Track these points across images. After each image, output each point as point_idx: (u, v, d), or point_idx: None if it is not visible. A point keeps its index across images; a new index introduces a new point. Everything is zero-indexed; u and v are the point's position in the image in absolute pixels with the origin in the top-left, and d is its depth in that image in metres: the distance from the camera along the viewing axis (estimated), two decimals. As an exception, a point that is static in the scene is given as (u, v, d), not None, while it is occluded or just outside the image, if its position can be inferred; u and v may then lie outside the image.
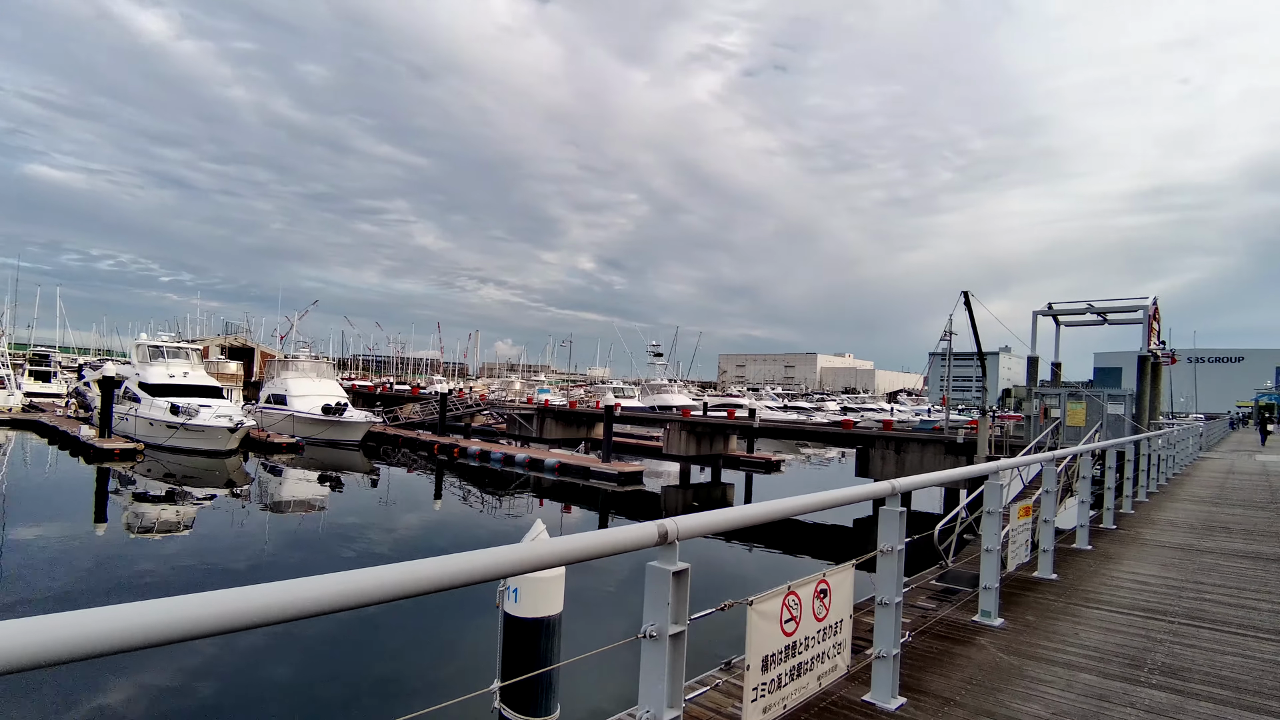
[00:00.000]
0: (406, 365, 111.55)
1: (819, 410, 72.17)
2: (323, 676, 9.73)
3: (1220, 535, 8.23)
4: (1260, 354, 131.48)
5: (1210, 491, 12.56)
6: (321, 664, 10.11)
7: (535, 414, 44.30)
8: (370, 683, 9.33)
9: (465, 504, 28.29)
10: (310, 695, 9.16)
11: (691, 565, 2.34)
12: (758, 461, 40.71)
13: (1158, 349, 26.48)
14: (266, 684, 9.34)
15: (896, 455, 29.06)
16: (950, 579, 14.66)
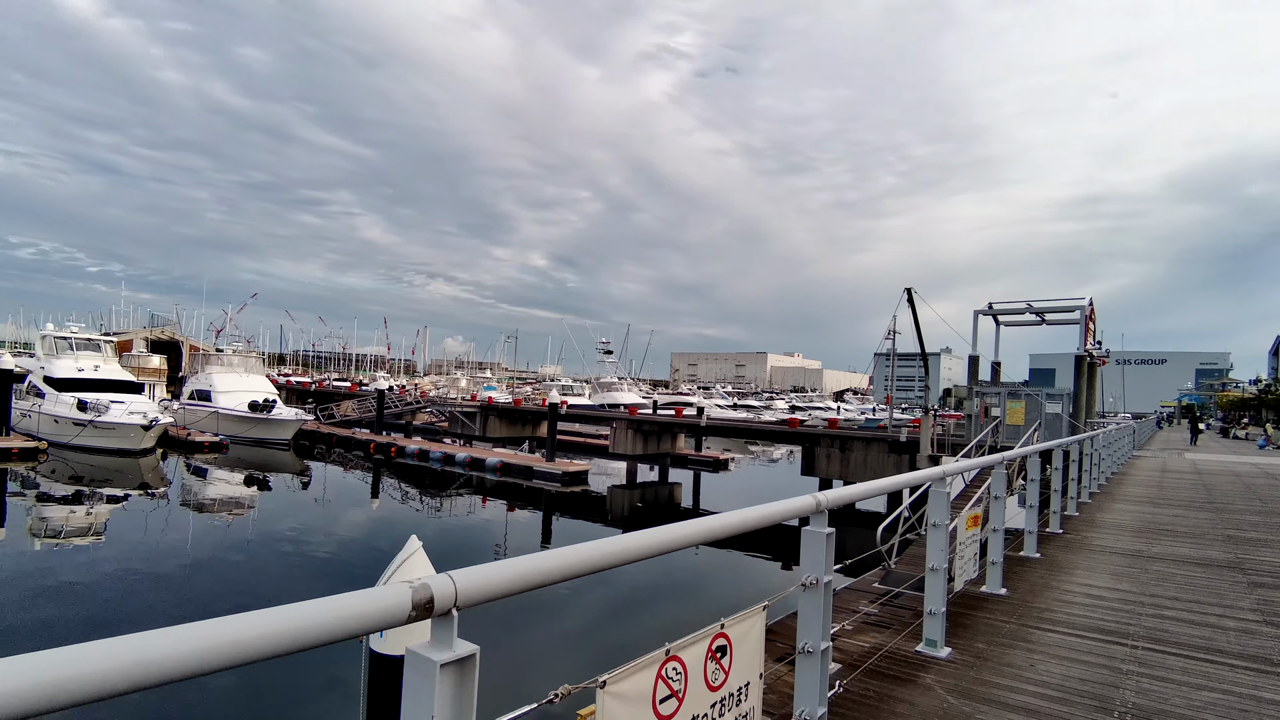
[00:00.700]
0: (350, 361, 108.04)
1: (768, 409, 72.47)
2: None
3: (1167, 540, 7.87)
4: (1181, 356, 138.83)
5: (1149, 491, 12.43)
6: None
7: (478, 412, 42.95)
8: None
9: (404, 505, 27.06)
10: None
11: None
12: (706, 460, 40.31)
13: (1094, 349, 27.06)
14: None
15: (841, 454, 28.94)
16: (893, 581, 14.21)
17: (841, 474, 29.07)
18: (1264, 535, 8.27)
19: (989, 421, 24.82)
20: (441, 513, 25.63)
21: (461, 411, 43.23)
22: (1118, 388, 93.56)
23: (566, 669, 14.00)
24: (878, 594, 13.83)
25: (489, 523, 24.51)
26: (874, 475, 28.24)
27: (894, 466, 27.21)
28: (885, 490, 3.38)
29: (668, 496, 33.94)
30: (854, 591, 13.69)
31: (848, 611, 12.37)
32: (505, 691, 11.48)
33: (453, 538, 21.76)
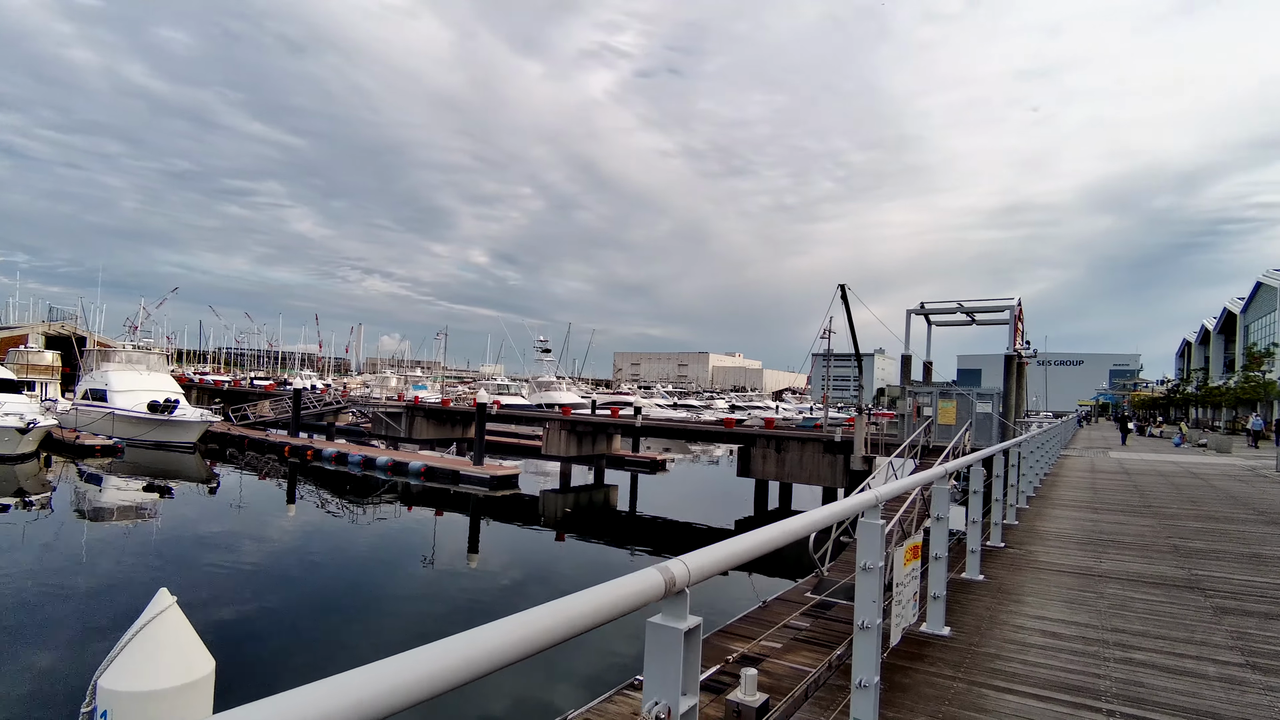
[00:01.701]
0: (278, 359, 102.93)
1: (708, 408, 72.31)
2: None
3: (1114, 552, 7.21)
4: (1097, 358, 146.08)
5: (1084, 495, 12.00)
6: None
7: (404, 412, 40.82)
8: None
9: (323, 512, 25.12)
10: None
11: None
12: (643, 461, 39.38)
13: (1023, 348, 27.32)
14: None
15: (777, 454, 28.38)
16: (825, 589, 13.38)
17: (778, 474, 28.56)
18: (1209, 545, 7.72)
19: (921, 421, 24.64)
20: (362, 520, 23.85)
21: (385, 412, 41.03)
22: (1040, 387, 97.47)
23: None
24: (809, 604, 12.98)
25: (410, 530, 23.00)
26: (810, 475, 27.81)
27: (829, 467, 26.82)
28: (798, 534, 2.35)
29: (603, 500, 32.86)
30: (785, 603, 12.82)
31: (777, 625, 11.45)
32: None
33: (375, 546, 20.31)
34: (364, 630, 13.19)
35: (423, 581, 17.09)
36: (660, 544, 24.58)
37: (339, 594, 15.41)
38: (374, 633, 13.07)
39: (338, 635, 12.68)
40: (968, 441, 23.35)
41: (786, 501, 30.80)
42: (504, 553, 20.75)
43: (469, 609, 14.99)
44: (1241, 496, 12.21)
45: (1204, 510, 10.37)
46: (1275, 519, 9.66)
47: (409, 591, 16.16)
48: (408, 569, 18.16)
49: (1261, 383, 42.20)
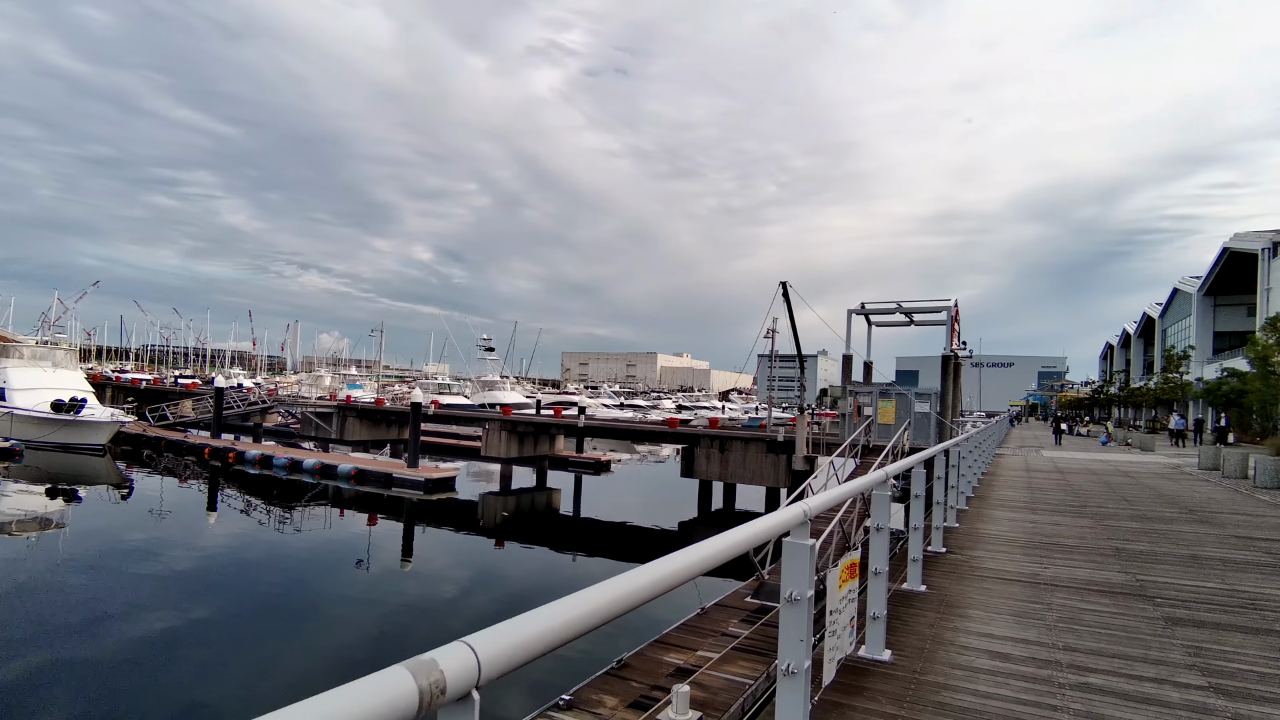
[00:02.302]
0: (205, 357, 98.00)
1: (655, 408, 72.07)
2: None
3: (1057, 556, 6.91)
4: (1026, 360, 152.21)
5: (1022, 494, 11.89)
6: None
7: (335, 412, 39.00)
8: None
9: (248, 519, 23.59)
10: None
11: None
12: (587, 462, 38.66)
13: (959, 349, 27.80)
14: None
15: (721, 454, 28.08)
16: (767, 594, 12.92)
17: (721, 474, 28.26)
18: (1149, 547, 7.52)
19: (862, 420, 24.71)
20: (289, 527, 22.53)
21: (315, 412, 39.13)
22: (974, 388, 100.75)
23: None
24: (750, 610, 12.51)
25: (340, 537, 21.76)
26: (753, 475, 27.60)
27: (772, 467, 26.66)
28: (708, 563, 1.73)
29: (545, 503, 32.02)
30: (724, 608, 12.30)
31: (715, 634, 10.92)
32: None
33: (301, 555, 19.14)
34: (288, 647, 12.31)
35: (352, 592, 16.06)
36: (604, 548, 23.97)
37: (260, 607, 14.38)
38: (298, 650, 12.21)
39: (258, 653, 11.79)
40: (907, 441, 23.46)
41: (731, 501, 30.57)
42: (440, 560, 19.82)
43: (402, 623, 14.19)
44: (1171, 494, 12.31)
45: (1139, 509, 10.31)
46: (1206, 517, 9.65)
47: (337, 603, 15.14)
48: (336, 579, 17.11)
49: (1179, 384, 44.30)
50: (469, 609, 15.63)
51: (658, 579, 1.60)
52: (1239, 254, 48.22)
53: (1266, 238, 44.47)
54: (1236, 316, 54.27)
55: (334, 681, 0.91)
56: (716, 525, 27.24)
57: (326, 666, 11.66)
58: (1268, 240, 44.31)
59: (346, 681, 0.87)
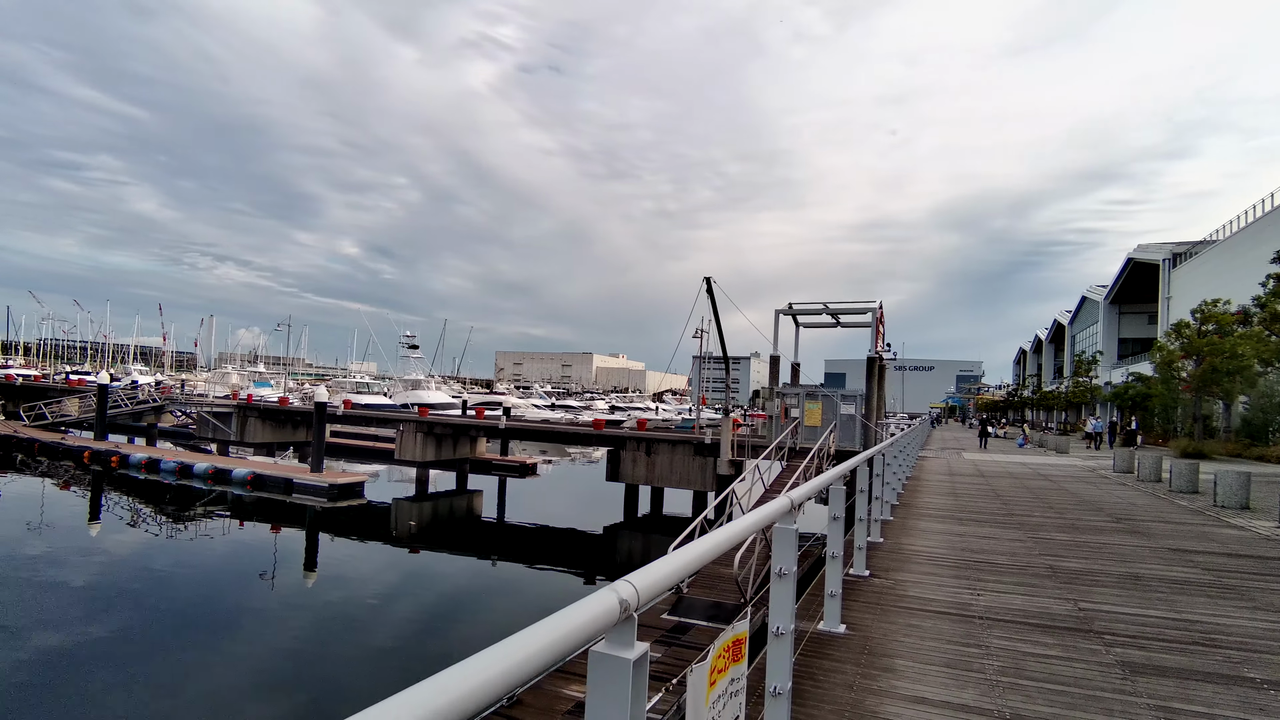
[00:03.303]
0: (107, 352, 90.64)
1: (588, 409, 70.89)
2: None
3: (989, 578, 6.14)
4: (945, 364, 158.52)
5: (947, 502, 11.31)
6: None
7: (235, 412, 36.08)
8: None
9: (135, 530, 21.36)
10: None
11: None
12: (512, 465, 37.10)
13: (883, 351, 27.75)
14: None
15: (647, 457, 27.15)
16: (685, 610, 11.86)
17: (648, 478, 27.32)
18: (1085, 564, 6.88)
19: (789, 422, 24.25)
20: (182, 537, 20.59)
21: (212, 412, 36.10)
22: (897, 390, 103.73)
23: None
24: (665, 628, 11.44)
25: (237, 548, 19.89)
26: (680, 479, 26.77)
27: (700, 470, 25.92)
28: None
29: (466, 508, 30.38)
30: (640, 628, 11.23)
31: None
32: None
33: (193, 568, 17.43)
34: (172, 673, 11.03)
35: (249, 610, 14.59)
36: (527, 554, 22.79)
37: (141, 630, 12.85)
38: (183, 676, 10.97)
39: (138, 681, 10.47)
40: (833, 443, 23.09)
41: (659, 506, 29.70)
42: (349, 571, 18.34)
43: (305, 642, 12.88)
44: (1093, 500, 12.01)
45: (1066, 518, 9.83)
46: (1134, 527, 9.21)
47: (231, 622, 13.63)
48: (230, 595, 15.49)
49: (1089, 387, 46.27)
50: (378, 621, 14.43)
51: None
52: (1141, 264, 50.83)
53: (1167, 249, 46.96)
54: (1139, 323, 57.33)
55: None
56: (642, 530, 26.32)
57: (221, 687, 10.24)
58: (1168, 252, 46.80)
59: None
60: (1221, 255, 38.68)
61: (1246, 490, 11.18)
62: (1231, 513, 10.75)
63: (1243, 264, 34.10)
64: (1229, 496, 11.17)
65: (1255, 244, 33.52)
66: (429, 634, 14.02)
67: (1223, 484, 11.26)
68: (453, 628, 14.42)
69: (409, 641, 13.46)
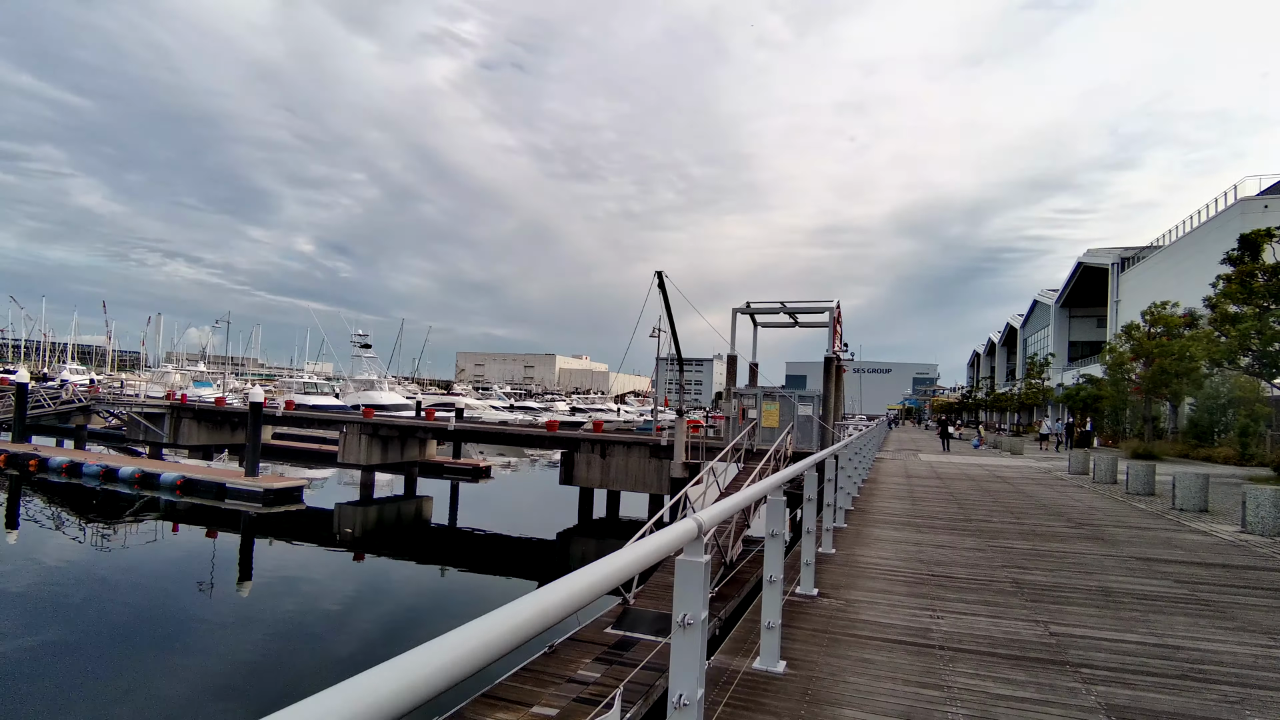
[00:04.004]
0: (44, 350, 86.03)
1: (548, 410, 69.79)
2: None
3: (950, 596, 5.50)
4: (902, 367, 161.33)
5: (904, 506, 10.76)
6: None
7: (168, 413, 34.12)
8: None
9: (59, 536, 20.29)
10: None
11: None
12: (464, 468, 35.86)
13: (841, 351, 27.47)
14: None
15: (602, 459, 26.34)
16: (630, 623, 11.02)
17: (603, 481, 26.50)
18: (1051, 577, 6.31)
19: (747, 423, 23.72)
20: (112, 544, 19.59)
21: (142, 413, 34.07)
22: (855, 392, 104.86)
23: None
24: (608, 645, 10.60)
25: (168, 556, 18.83)
26: (636, 481, 26.01)
27: (656, 472, 25.21)
28: None
29: (415, 513, 29.17)
30: (578, 644, 10.28)
31: (561, 679, 8.87)
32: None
33: (120, 576, 16.53)
34: (92, 690, 10.43)
35: (177, 623, 13.64)
36: (478, 561, 21.89)
37: (56, 644, 12.03)
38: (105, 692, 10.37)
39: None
40: (790, 444, 22.61)
41: (615, 509, 28.89)
42: (287, 580, 17.39)
43: (240, 654, 12.12)
44: (1052, 504, 11.61)
45: (1026, 524, 9.34)
46: (1096, 533, 8.75)
47: (157, 639, 12.69)
48: (157, 608, 14.49)
49: (1042, 389, 47.01)
50: (316, 632, 13.63)
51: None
52: (1091, 269, 51.95)
53: (1115, 253, 48.02)
54: (1088, 327, 58.66)
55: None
56: (597, 535, 25.49)
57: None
58: (1116, 256, 47.85)
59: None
60: (1167, 260, 39.59)
61: (1205, 493, 10.89)
62: (1191, 516, 10.43)
63: (1187, 268, 34.87)
64: (1187, 499, 10.87)
65: (1199, 249, 34.29)
66: (366, 644, 13.20)
67: (1181, 487, 10.95)
68: (393, 638, 13.64)
69: (343, 652, 12.66)
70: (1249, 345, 16.53)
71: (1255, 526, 8.82)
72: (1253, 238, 17.18)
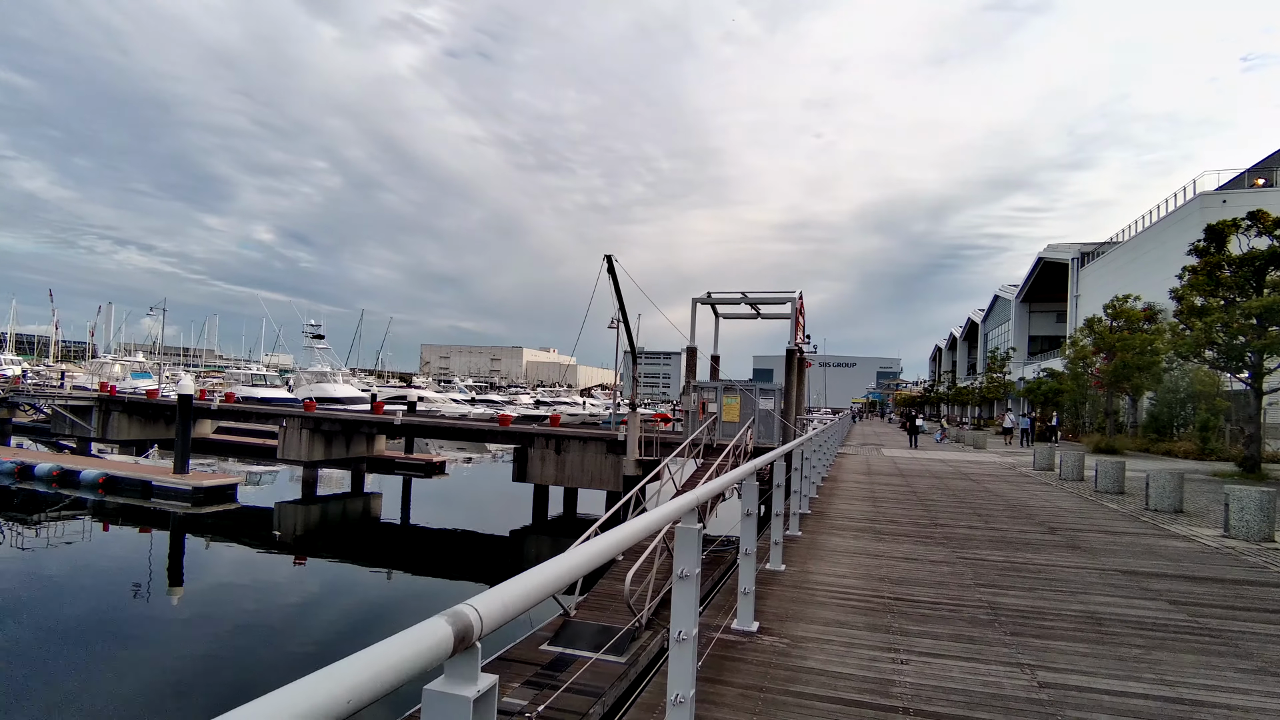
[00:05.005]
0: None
1: (510, 404, 68.43)
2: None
3: (918, 633, 4.56)
4: (867, 361, 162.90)
5: (864, 509, 9.89)
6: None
7: (95, 406, 31.97)
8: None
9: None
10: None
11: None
12: (416, 464, 34.44)
13: (803, 343, 26.75)
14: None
15: (557, 455, 25.21)
16: (569, 639, 9.92)
17: (558, 478, 25.37)
18: (1030, 599, 5.43)
19: (707, 417, 22.84)
20: (34, 544, 18.43)
21: (67, 405, 31.87)
22: (820, 386, 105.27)
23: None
24: (544, 661, 9.47)
25: (93, 556, 17.65)
26: (591, 478, 24.92)
27: (613, 469, 24.17)
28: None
29: (361, 511, 27.77)
30: (508, 664, 9.13)
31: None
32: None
33: (33, 581, 15.35)
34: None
35: (102, 636, 12.48)
36: (427, 562, 20.74)
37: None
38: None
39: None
40: (751, 439, 21.77)
41: (572, 506, 27.84)
42: (222, 584, 16.38)
43: (167, 672, 11.08)
44: (1021, 505, 10.87)
45: (996, 529, 8.52)
46: (1072, 540, 7.97)
47: (77, 658, 11.43)
48: (76, 620, 13.22)
49: (1003, 383, 47.18)
50: (272, 634, 12.87)
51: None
52: (1051, 264, 52.30)
53: (1075, 248, 48.32)
54: (1048, 321, 59.20)
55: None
56: (551, 534, 24.42)
57: None
58: (1076, 251, 48.16)
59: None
60: (1127, 255, 39.80)
61: (1180, 492, 10.24)
62: (1167, 518, 9.76)
63: (1147, 262, 34.98)
64: (1162, 499, 10.20)
65: (1159, 244, 34.42)
66: (295, 656, 12.19)
67: (1155, 486, 10.28)
68: (329, 647, 12.58)
69: (266, 666, 11.63)
70: (1214, 338, 16.12)
71: (1239, 531, 8.13)
72: (1219, 228, 16.78)
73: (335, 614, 14.86)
